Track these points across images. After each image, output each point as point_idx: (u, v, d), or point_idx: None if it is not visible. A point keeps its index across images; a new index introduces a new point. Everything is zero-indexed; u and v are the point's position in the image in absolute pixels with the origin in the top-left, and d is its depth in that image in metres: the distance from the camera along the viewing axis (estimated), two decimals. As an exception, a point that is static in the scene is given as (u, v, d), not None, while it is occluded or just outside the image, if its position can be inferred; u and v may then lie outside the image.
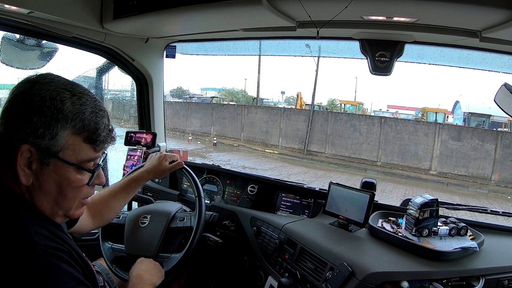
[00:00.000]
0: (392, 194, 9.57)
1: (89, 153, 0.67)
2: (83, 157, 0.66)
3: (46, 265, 0.57)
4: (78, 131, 0.64)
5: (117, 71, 1.99)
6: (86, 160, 0.67)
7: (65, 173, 0.65)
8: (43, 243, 0.58)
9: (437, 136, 12.54)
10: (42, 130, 0.61)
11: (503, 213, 1.50)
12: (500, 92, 1.20)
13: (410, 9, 1.07)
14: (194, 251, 1.25)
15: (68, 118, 0.62)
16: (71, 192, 0.67)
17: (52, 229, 0.64)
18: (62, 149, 0.63)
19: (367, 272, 1.01)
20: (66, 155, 0.64)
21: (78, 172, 0.66)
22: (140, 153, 1.86)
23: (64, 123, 0.62)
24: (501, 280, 1.06)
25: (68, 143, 0.64)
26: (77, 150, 0.65)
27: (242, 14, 1.23)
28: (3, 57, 1.53)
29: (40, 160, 0.62)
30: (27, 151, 0.61)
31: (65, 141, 0.63)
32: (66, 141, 0.63)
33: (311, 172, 12.03)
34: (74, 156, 0.65)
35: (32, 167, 0.62)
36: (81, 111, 0.64)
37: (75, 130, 0.64)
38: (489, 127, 13.68)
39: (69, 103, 0.63)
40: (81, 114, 0.64)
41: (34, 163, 0.62)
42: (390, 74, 1.37)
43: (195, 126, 17.24)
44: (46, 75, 0.66)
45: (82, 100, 0.65)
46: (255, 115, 16.21)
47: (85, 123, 0.64)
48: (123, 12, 1.35)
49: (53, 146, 0.62)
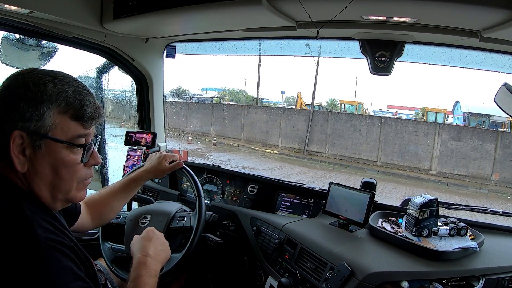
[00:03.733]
0: (392, 194, 9.57)
1: (78, 129, 0.68)
2: (72, 134, 0.68)
3: (47, 257, 0.58)
4: (64, 110, 0.66)
5: (117, 71, 1.99)
6: (76, 136, 0.68)
7: (58, 153, 0.66)
8: (45, 236, 0.59)
9: (437, 136, 12.54)
10: (29, 113, 0.63)
11: (503, 213, 1.50)
12: (500, 92, 1.20)
13: (410, 9, 1.07)
14: (194, 251, 1.25)
15: (52, 98, 0.65)
16: (67, 172, 0.68)
17: (55, 223, 0.65)
18: (51, 129, 0.65)
19: (367, 272, 1.01)
20: (56, 134, 0.66)
21: (70, 151, 0.68)
22: (140, 153, 1.86)
23: (48, 104, 0.64)
24: (501, 280, 1.06)
25: (56, 122, 0.65)
26: (65, 128, 0.67)
27: (242, 14, 1.23)
28: (3, 57, 1.53)
29: (32, 144, 0.64)
30: (19, 137, 0.63)
31: (52, 120, 0.65)
32: (53, 121, 0.65)
33: (311, 172, 12.03)
34: (63, 134, 0.66)
35: (25, 153, 0.64)
36: (64, 90, 0.66)
37: (60, 109, 0.66)
38: (489, 127, 13.68)
39: (51, 85, 0.65)
40: (64, 93, 0.66)
41: (27, 149, 0.64)
42: (390, 74, 1.37)
43: (195, 126, 17.25)
44: (29, 68, 0.68)
45: (64, 81, 0.67)
46: (255, 115, 16.21)
47: (69, 101, 0.66)
48: (123, 12, 1.35)
49: (41, 127, 0.64)
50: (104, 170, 2.09)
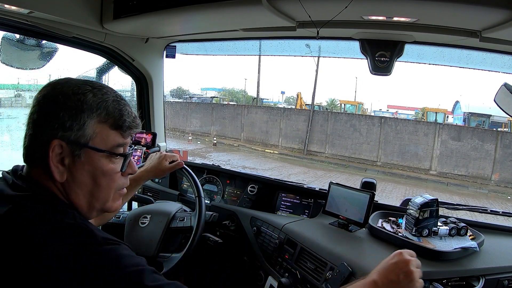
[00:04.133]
0: (392, 194, 9.58)
1: (117, 138, 0.68)
2: (112, 143, 0.67)
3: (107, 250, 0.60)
4: (104, 119, 0.65)
5: (117, 71, 1.99)
6: (116, 146, 0.68)
7: (97, 162, 0.66)
8: (102, 236, 0.61)
9: (437, 136, 12.54)
10: (69, 122, 0.62)
11: (503, 213, 1.50)
12: (500, 92, 1.20)
13: (410, 9, 1.07)
14: (194, 251, 1.25)
15: (92, 108, 0.64)
16: (105, 181, 0.68)
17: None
18: (91, 138, 0.64)
19: (367, 272, 1.00)
20: (96, 144, 0.65)
21: (109, 160, 0.67)
22: (140, 153, 1.86)
23: (89, 113, 0.64)
24: (501, 280, 1.06)
25: (96, 132, 0.65)
26: (105, 137, 0.66)
27: (242, 14, 1.23)
28: (3, 57, 1.53)
29: (72, 154, 0.63)
30: (58, 147, 0.62)
31: (93, 130, 0.64)
32: (94, 130, 0.64)
33: (311, 172, 12.03)
34: (103, 144, 0.66)
35: (64, 163, 0.63)
36: (104, 99, 0.66)
37: (100, 118, 0.65)
38: (489, 127, 13.68)
39: (91, 95, 0.65)
40: (104, 103, 0.65)
41: (66, 158, 0.63)
42: (390, 74, 1.37)
43: (195, 126, 17.25)
44: (66, 78, 0.68)
45: (102, 91, 0.67)
46: (255, 115, 16.21)
47: (109, 111, 0.66)
48: (123, 12, 1.35)
49: (82, 137, 0.63)
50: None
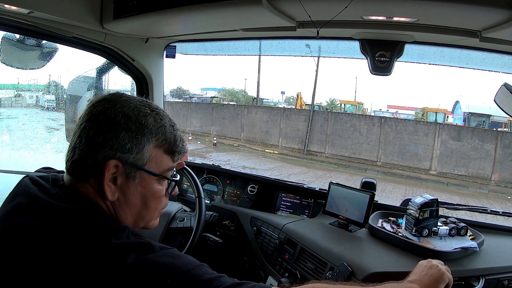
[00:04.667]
0: (392, 194, 9.58)
1: (169, 163, 0.70)
2: (164, 167, 0.69)
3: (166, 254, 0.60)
4: (161, 144, 0.67)
5: (117, 71, 1.99)
6: (167, 170, 0.70)
7: (149, 185, 0.67)
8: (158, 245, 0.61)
9: (437, 136, 12.54)
10: (129, 145, 0.63)
11: (503, 213, 1.50)
12: (500, 92, 1.20)
13: (410, 9, 1.07)
14: (194, 251, 1.25)
15: (152, 132, 0.66)
16: (154, 203, 0.70)
17: None
18: (147, 162, 0.66)
19: (367, 272, 1.01)
20: (150, 167, 0.66)
21: (159, 183, 0.69)
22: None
23: (149, 137, 0.65)
24: (501, 280, 1.06)
25: (152, 156, 0.66)
26: (159, 161, 0.68)
27: (242, 14, 1.23)
28: (3, 57, 1.53)
29: (126, 174, 0.64)
30: (114, 167, 0.62)
31: (150, 154, 0.66)
32: (150, 154, 0.66)
33: (311, 172, 12.03)
34: (157, 167, 0.67)
35: (116, 182, 0.64)
36: (163, 125, 0.68)
37: (158, 143, 0.67)
38: (489, 127, 13.69)
39: (151, 119, 0.66)
40: (163, 128, 0.67)
41: (118, 178, 0.63)
42: (390, 74, 1.37)
43: (195, 126, 17.25)
44: (121, 94, 0.68)
45: (160, 115, 0.68)
46: (255, 115, 16.21)
47: (166, 136, 0.68)
48: (123, 12, 1.35)
49: (139, 160, 0.64)
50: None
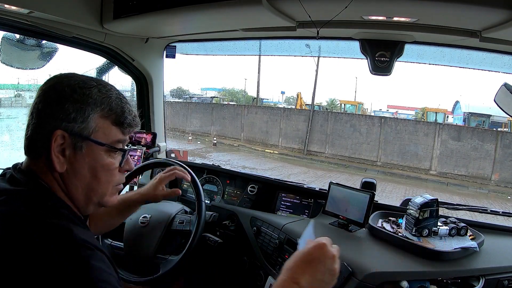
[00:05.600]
0: (392, 194, 9.57)
1: (118, 134, 0.70)
2: (113, 138, 0.69)
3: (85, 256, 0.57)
4: (107, 114, 0.68)
5: (117, 71, 1.99)
6: (116, 141, 0.70)
7: (98, 156, 0.68)
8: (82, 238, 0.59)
9: (437, 136, 12.54)
10: (74, 114, 0.64)
11: (503, 213, 1.50)
12: (500, 92, 1.20)
13: (410, 9, 1.07)
14: (194, 252, 1.25)
15: (97, 102, 0.66)
16: (104, 175, 0.70)
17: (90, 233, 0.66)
18: (93, 132, 0.66)
19: (367, 272, 1.01)
20: (98, 137, 0.67)
21: (109, 155, 0.70)
22: (140, 153, 1.86)
23: (93, 107, 0.66)
24: (501, 280, 1.06)
25: (98, 126, 0.67)
26: (107, 132, 0.68)
27: (242, 14, 1.23)
28: (3, 57, 1.53)
29: (73, 145, 0.65)
30: (60, 137, 0.63)
31: (95, 124, 0.66)
32: (96, 124, 0.67)
33: (311, 172, 12.03)
34: (104, 138, 0.68)
35: (65, 154, 0.65)
36: (108, 95, 0.68)
37: (103, 113, 0.67)
38: (489, 127, 13.68)
39: (96, 90, 0.67)
40: (108, 99, 0.68)
41: (67, 149, 0.65)
42: (390, 74, 1.37)
43: (195, 126, 17.25)
44: (70, 72, 0.70)
45: (107, 87, 0.69)
46: (255, 115, 16.21)
47: (112, 107, 0.68)
48: (123, 12, 1.35)
49: (85, 129, 0.65)
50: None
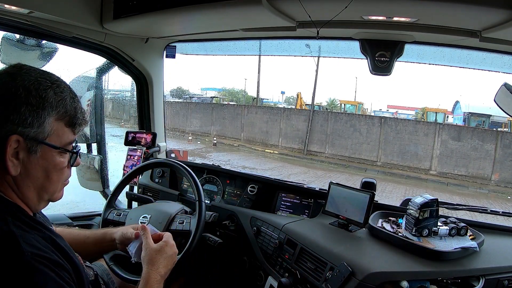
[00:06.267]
0: (392, 194, 9.57)
1: (70, 136, 0.71)
2: (66, 140, 0.70)
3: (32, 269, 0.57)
4: (61, 117, 0.68)
5: (117, 71, 2.00)
6: (68, 143, 0.71)
7: (51, 158, 0.68)
8: (30, 250, 0.59)
9: (437, 136, 12.53)
10: (30, 119, 0.64)
11: (503, 213, 1.50)
12: (500, 92, 1.20)
13: (410, 9, 1.07)
14: (194, 251, 1.25)
15: (53, 106, 0.66)
16: (56, 175, 0.71)
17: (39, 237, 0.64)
18: (48, 135, 0.67)
19: (367, 272, 1.01)
20: (52, 140, 0.68)
21: (60, 155, 0.70)
22: (140, 153, 1.86)
23: (49, 110, 0.66)
24: (501, 280, 1.06)
25: (53, 129, 0.67)
26: (61, 134, 0.69)
27: (242, 14, 1.23)
28: (3, 57, 1.54)
29: (28, 149, 0.65)
30: (15, 142, 0.63)
31: (51, 127, 0.67)
32: (51, 127, 0.67)
33: (311, 172, 12.03)
34: (58, 141, 0.69)
35: (19, 157, 0.64)
36: (63, 98, 0.68)
37: (58, 116, 0.68)
38: (489, 127, 13.67)
39: (52, 92, 0.67)
40: (63, 101, 0.68)
41: (20, 152, 0.64)
42: (390, 74, 1.37)
43: (195, 126, 17.24)
44: (21, 66, 0.68)
45: (61, 88, 0.69)
46: (255, 115, 16.20)
47: (67, 109, 0.69)
48: (123, 12, 1.35)
49: (40, 133, 0.65)
50: (104, 170, 2.09)
